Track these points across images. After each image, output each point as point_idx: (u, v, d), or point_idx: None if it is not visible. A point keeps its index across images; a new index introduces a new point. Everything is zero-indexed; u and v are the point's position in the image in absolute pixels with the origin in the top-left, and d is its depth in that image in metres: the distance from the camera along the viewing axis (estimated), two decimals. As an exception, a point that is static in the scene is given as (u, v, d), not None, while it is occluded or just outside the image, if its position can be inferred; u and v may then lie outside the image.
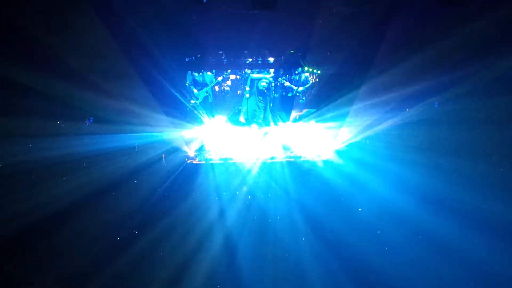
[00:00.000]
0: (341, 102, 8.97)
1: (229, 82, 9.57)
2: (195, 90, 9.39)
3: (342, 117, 9.15)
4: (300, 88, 9.36)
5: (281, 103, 9.72)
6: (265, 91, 9.44)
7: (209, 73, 9.29)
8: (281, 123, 9.59)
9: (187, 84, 9.35)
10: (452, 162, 8.89)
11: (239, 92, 9.63)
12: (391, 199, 9.24)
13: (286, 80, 9.42)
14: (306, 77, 9.27)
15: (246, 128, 9.58)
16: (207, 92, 9.45)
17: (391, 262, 8.96)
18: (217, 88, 9.58)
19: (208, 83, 9.37)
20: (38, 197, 8.15)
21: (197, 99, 9.43)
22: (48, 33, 7.18)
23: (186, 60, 9.06)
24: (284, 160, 9.58)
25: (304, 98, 9.51)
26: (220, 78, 9.31)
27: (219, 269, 8.98)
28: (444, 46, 7.78)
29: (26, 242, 8.23)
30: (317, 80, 9.26)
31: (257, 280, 8.98)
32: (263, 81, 9.32)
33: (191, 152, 9.51)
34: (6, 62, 7.06)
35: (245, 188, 9.56)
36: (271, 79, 9.29)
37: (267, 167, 9.57)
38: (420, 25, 7.86)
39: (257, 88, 9.44)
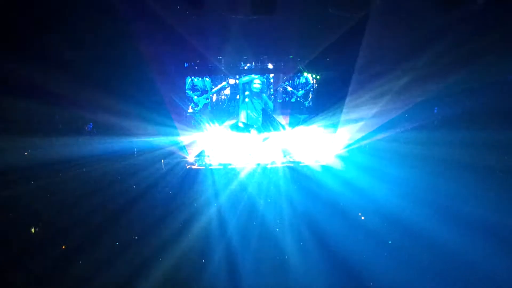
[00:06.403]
0: (341, 107, 8.94)
1: (227, 88, 9.60)
2: (195, 97, 9.42)
3: (342, 122, 9.11)
4: (301, 92, 9.36)
5: (282, 108, 9.73)
6: (260, 92, 9.44)
7: (207, 79, 9.33)
8: (281, 128, 9.58)
9: (186, 90, 9.37)
10: (453, 168, 8.79)
11: (238, 97, 9.66)
12: (391, 205, 9.12)
13: (288, 85, 9.42)
14: (307, 80, 9.27)
15: (245, 133, 9.58)
16: (207, 98, 9.48)
17: (392, 268, 8.72)
18: (215, 95, 9.61)
19: (208, 89, 9.40)
20: (37, 203, 8.11)
21: (197, 106, 9.44)
22: (48, 33, 7.22)
23: (186, 65, 9.12)
24: (284, 165, 9.54)
25: (305, 102, 9.51)
26: (224, 83, 9.32)
27: (219, 274, 8.82)
28: (446, 51, 7.72)
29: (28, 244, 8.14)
30: (317, 85, 9.27)
31: (257, 285, 8.82)
32: (255, 83, 9.35)
33: (190, 158, 9.50)
34: (8, 60, 7.00)
35: (244, 193, 9.50)
36: (264, 79, 9.28)
37: (267, 172, 9.52)
38: (422, 29, 7.84)
39: (252, 91, 9.46)
